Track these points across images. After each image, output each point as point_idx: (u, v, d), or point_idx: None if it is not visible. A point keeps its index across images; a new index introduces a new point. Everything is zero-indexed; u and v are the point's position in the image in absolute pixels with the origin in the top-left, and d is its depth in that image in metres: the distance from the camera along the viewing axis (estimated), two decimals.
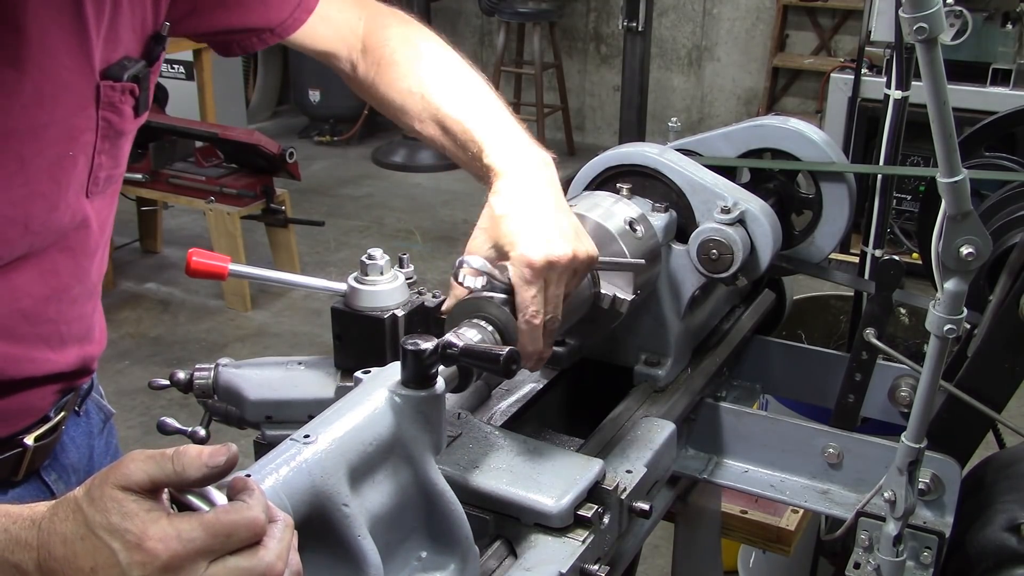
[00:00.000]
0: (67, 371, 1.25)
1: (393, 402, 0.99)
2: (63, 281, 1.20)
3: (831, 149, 1.65)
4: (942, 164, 1.00)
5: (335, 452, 0.92)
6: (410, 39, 1.42)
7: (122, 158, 1.22)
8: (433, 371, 1.00)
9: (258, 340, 4.75)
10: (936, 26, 0.92)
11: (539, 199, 1.24)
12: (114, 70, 1.13)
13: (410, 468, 1.01)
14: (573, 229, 1.23)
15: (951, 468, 1.37)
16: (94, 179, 1.17)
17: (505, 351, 1.04)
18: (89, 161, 1.15)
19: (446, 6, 7.92)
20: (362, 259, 1.28)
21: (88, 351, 1.30)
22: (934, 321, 1.10)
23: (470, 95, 1.37)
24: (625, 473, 1.22)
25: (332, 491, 0.91)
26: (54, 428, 1.27)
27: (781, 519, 2.01)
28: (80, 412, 1.37)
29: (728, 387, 1.71)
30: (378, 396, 0.99)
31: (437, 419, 1.01)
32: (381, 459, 0.98)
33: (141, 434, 3.88)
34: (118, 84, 1.14)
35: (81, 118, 1.12)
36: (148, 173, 4.99)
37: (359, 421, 0.96)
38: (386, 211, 6.37)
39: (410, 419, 0.99)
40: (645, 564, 2.88)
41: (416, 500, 1.02)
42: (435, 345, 0.99)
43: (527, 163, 1.28)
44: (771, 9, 7.04)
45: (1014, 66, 4.85)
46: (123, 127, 1.18)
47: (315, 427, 0.94)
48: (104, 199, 1.23)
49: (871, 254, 2.47)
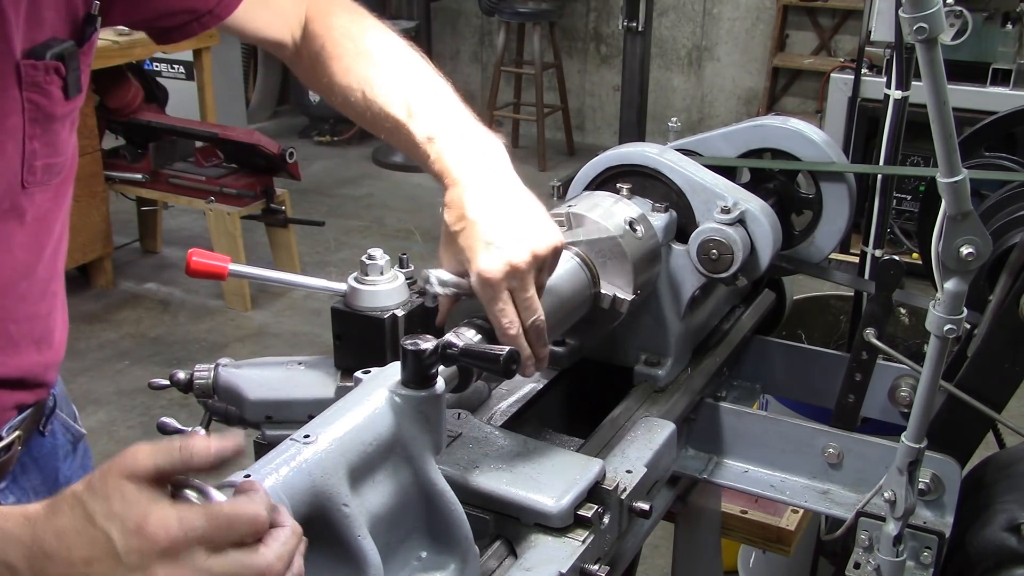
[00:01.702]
0: (19, 377, 1.21)
1: (393, 402, 0.99)
2: (5, 276, 1.15)
3: (831, 149, 1.65)
4: (942, 164, 1.00)
5: (335, 452, 0.92)
6: (351, 33, 1.37)
7: (61, 145, 1.17)
8: (433, 371, 1.00)
9: (258, 340, 4.74)
10: (936, 26, 0.92)
11: (492, 202, 1.20)
12: (37, 50, 1.10)
13: (410, 468, 1.01)
14: (530, 222, 1.20)
15: (951, 468, 1.37)
16: (29, 168, 1.13)
17: (505, 351, 1.03)
18: (20, 148, 1.11)
19: (446, 6, 7.92)
20: (362, 259, 1.28)
21: (45, 357, 1.25)
22: (934, 321, 1.10)
23: (413, 89, 1.31)
24: (625, 473, 1.22)
25: (332, 491, 0.91)
26: (7, 448, 1.22)
27: (781, 519, 2.01)
28: (44, 432, 1.32)
29: (728, 387, 1.71)
30: (378, 396, 0.99)
31: (437, 419, 1.01)
32: (381, 459, 0.98)
33: (141, 434, 3.87)
34: (40, 63, 1.10)
35: (3, 100, 1.08)
36: (148, 173, 4.99)
37: (359, 421, 0.96)
38: (386, 211, 6.37)
39: (410, 419, 0.99)
40: (645, 564, 2.88)
41: (416, 500, 1.02)
42: (435, 345, 0.98)
43: (476, 163, 1.24)
44: (771, 9, 7.04)
45: (1014, 66, 4.84)
46: (52, 110, 1.13)
47: (315, 427, 0.94)
48: (47, 192, 1.18)
49: (871, 254, 2.47)
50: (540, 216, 1.22)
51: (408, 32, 7.29)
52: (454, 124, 1.28)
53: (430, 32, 7.57)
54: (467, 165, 1.23)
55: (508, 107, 7.66)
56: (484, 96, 7.50)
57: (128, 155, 5.04)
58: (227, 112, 6.38)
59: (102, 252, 5.01)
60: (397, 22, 7.47)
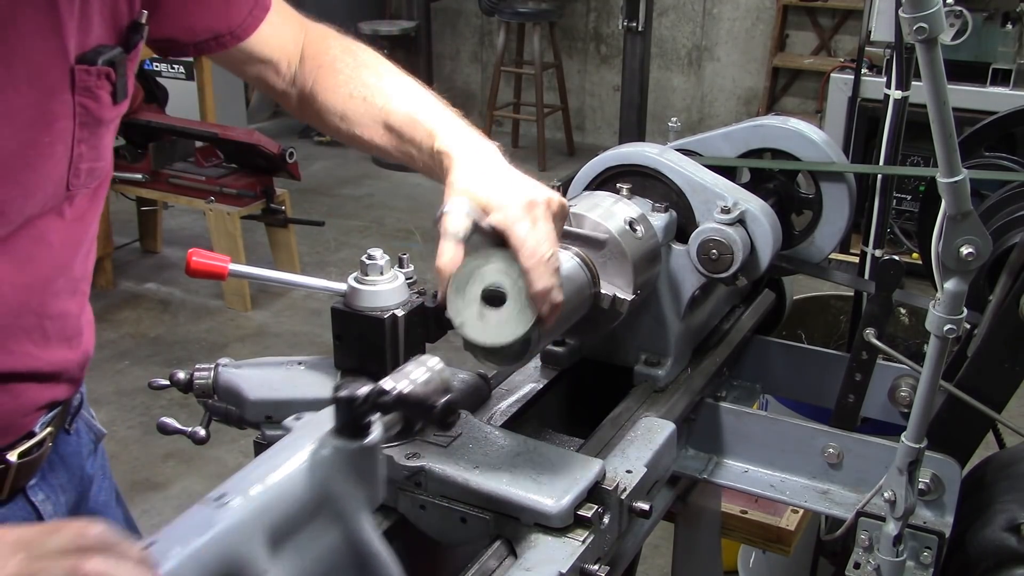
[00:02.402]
0: (50, 371, 1.23)
1: (322, 455, 0.90)
2: (42, 271, 1.18)
3: (831, 149, 1.65)
4: (942, 164, 1.00)
5: (252, 515, 0.84)
6: (351, 49, 1.42)
7: (104, 150, 1.20)
8: (367, 420, 0.91)
9: (258, 340, 4.75)
10: (936, 26, 0.92)
11: (498, 166, 1.23)
12: (89, 55, 1.12)
13: (340, 527, 0.92)
14: (536, 183, 1.23)
15: (951, 468, 1.37)
16: (75, 171, 1.15)
17: (442, 400, 0.93)
18: (68, 150, 1.14)
19: (446, 6, 7.93)
20: (362, 259, 1.28)
21: (74, 355, 1.28)
22: (934, 321, 1.10)
23: (414, 94, 1.36)
24: (625, 473, 1.22)
25: (247, 559, 0.82)
26: (40, 444, 1.24)
27: (781, 519, 2.01)
28: (70, 430, 1.35)
29: (728, 387, 1.71)
30: (306, 448, 0.90)
31: (372, 472, 0.92)
32: (307, 518, 0.89)
33: (141, 434, 3.88)
34: (93, 68, 1.12)
35: (56, 103, 1.11)
36: (148, 173, 5.00)
37: (281, 478, 0.87)
38: (386, 211, 6.37)
39: (342, 473, 0.90)
40: (645, 564, 2.88)
41: (347, 563, 0.93)
42: (369, 391, 0.90)
43: (479, 146, 1.27)
44: (771, 9, 7.04)
45: (1014, 66, 4.85)
46: (101, 114, 1.16)
47: (233, 484, 0.86)
48: (86, 195, 1.21)
49: (871, 254, 2.48)
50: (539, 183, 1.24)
51: (408, 32, 7.30)
52: (456, 121, 1.31)
53: (430, 32, 7.57)
54: (471, 145, 1.26)
55: (508, 107, 7.66)
56: (484, 96, 7.51)
57: (128, 155, 5.04)
58: (227, 112, 6.39)
59: (102, 252, 5.00)
60: (397, 22, 7.48)
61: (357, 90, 1.37)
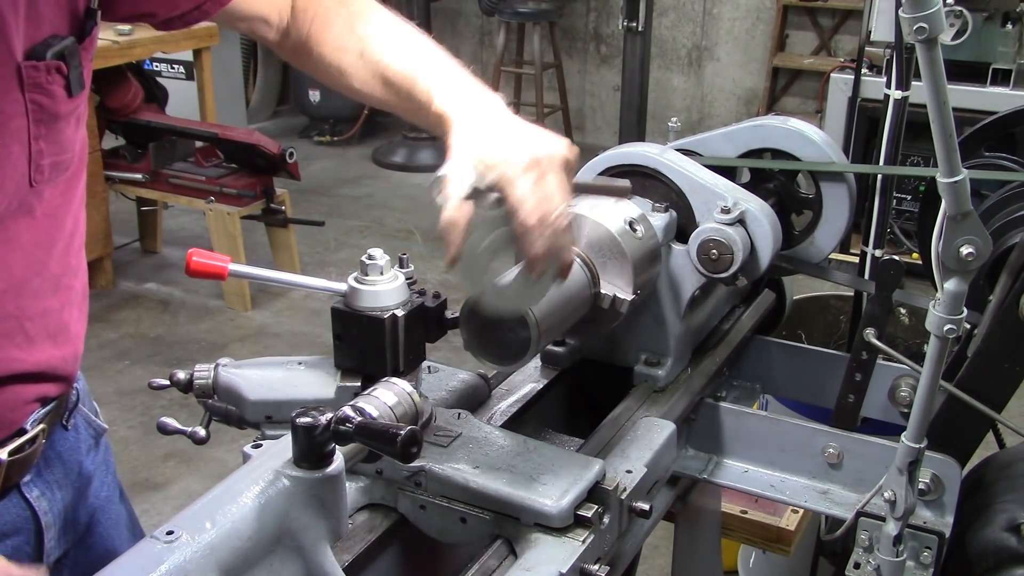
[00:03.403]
0: (38, 372, 1.21)
1: (281, 485, 0.86)
2: (16, 274, 1.14)
3: (831, 149, 1.65)
4: (942, 164, 1.00)
5: (203, 552, 0.80)
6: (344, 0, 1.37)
7: (67, 143, 1.16)
8: (329, 448, 0.88)
9: (258, 340, 4.75)
10: (936, 26, 0.92)
11: (501, 120, 1.17)
12: (38, 49, 1.08)
13: (300, 561, 0.88)
14: (543, 132, 1.16)
15: (951, 468, 1.37)
16: (36, 167, 1.11)
17: (404, 431, 0.88)
18: (26, 149, 1.10)
19: (446, 6, 7.92)
20: (362, 259, 1.28)
21: (63, 351, 1.25)
22: (934, 321, 1.10)
23: (411, 46, 1.30)
24: (625, 473, 1.22)
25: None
26: (31, 441, 1.22)
27: (781, 519, 2.01)
28: (68, 426, 1.33)
29: (728, 387, 1.71)
30: (263, 479, 0.86)
31: (334, 502, 0.88)
32: (262, 554, 0.85)
33: (141, 434, 3.87)
34: (41, 63, 1.08)
35: (6, 103, 1.07)
36: (148, 173, 5.00)
37: (236, 512, 0.83)
38: (386, 211, 6.37)
39: (301, 504, 0.86)
40: (645, 564, 2.88)
41: None
42: (330, 419, 0.87)
43: (478, 103, 1.21)
44: (771, 9, 7.04)
45: (1014, 66, 4.85)
46: (56, 109, 1.12)
47: (183, 520, 0.82)
48: (56, 187, 1.17)
49: (871, 254, 2.47)
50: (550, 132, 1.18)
51: None
52: (456, 74, 1.27)
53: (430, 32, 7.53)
54: (471, 104, 1.21)
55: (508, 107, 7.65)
56: None
57: (128, 155, 5.04)
58: (227, 112, 6.38)
59: (102, 252, 5.01)
60: None
61: (352, 43, 1.32)
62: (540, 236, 1.07)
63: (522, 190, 1.07)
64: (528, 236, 1.07)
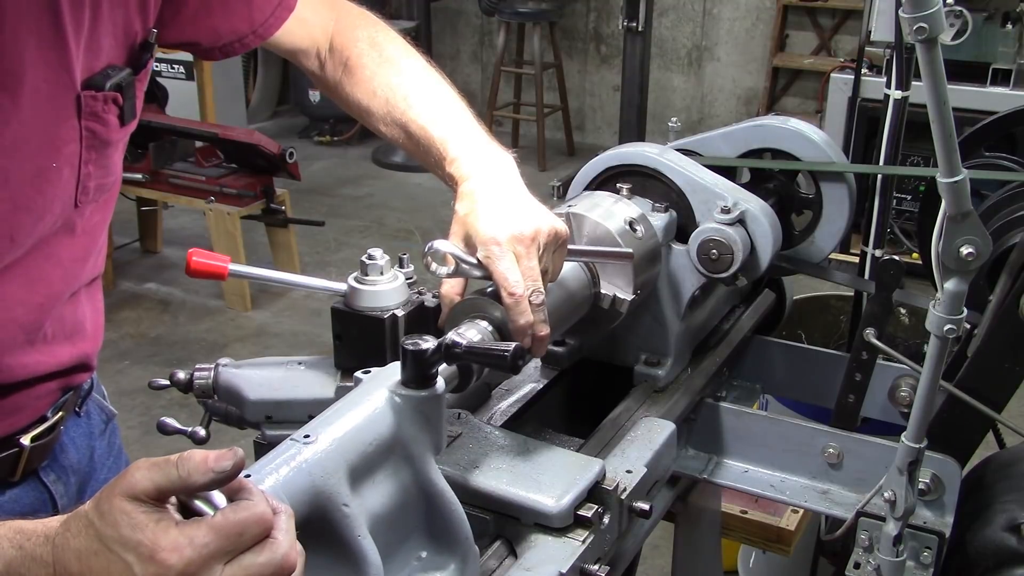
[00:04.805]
0: (59, 369, 1.24)
1: (393, 402, 0.99)
2: (55, 288, 1.19)
3: (831, 149, 1.65)
4: (942, 164, 1.00)
5: (335, 452, 0.92)
6: (377, 42, 1.43)
7: (113, 167, 1.21)
8: (433, 371, 0.99)
9: (258, 340, 4.75)
10: (936, 26, 0.92)
11: (500, 194, 1.25)
12: (96, 80, 1.11)
13: (410, 468, 1.00)
14: (537, 210, 1.24)
15: (951, 468, 1.37)
16: (83, 189, 1.15)
17: (512, 347, 1.03)
18: (76, 172, 1.14)
19: (446, 6, 7.92)
20: (362, 259, 1.28)
21: (81, 347, 1.28)
22: (934, 321, 1.10)
23: (432, 100, 1.38)
24: (625, 473, 1.22)
25: (332, 491, 0.90)
26: (51, 428, 1.26)
27: (781, 519, 2.01)
28: (80, 412, 1.36)
29: (728, 387, 1.71)
30: (378, 396, 0.99)
31: (437, 419, 1.01)
32: (381, 459, 0.98)
33: (141, 434, 3.87)
34: (100, 94, 1.12)
35: (63, 129, 1.10)
36: (148, 173, 4.99)
37: (359, 421, 0.96)
38: (386, 211, 6.37)
39: (410, 419, 0.99)
40: (645, 564, 2.88)
41: (416, 500, 1.02)
42: (436, 345, 0.98)
43: (488, 168, 1.29)
44: (771, 9, 7.04)
45: (1014, 66, 4.85)
46: (109, 136, 1.16)
47: (315, 427, 0.94)
48: (96, 206, 1.21)
49: (871, 254, 2.48)
50: (545, 210, 1.26)
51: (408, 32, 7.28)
52: (470, 135, 1.34)
53: (430, 32, 7.57)
54: (481, 169, 1.28)
55: (508, 107, 7.66)
56: (484, 96, 7.50)
57: (128, 155, 4.99)
58: (227, 112, 6.38)
59: None
60: (397, 22, 7.47)
61: (380, 89, 1.39)
62: (521, 312, 1.16)
63: (504, 266, 1.17)
64: (510, 309, 1.16)
